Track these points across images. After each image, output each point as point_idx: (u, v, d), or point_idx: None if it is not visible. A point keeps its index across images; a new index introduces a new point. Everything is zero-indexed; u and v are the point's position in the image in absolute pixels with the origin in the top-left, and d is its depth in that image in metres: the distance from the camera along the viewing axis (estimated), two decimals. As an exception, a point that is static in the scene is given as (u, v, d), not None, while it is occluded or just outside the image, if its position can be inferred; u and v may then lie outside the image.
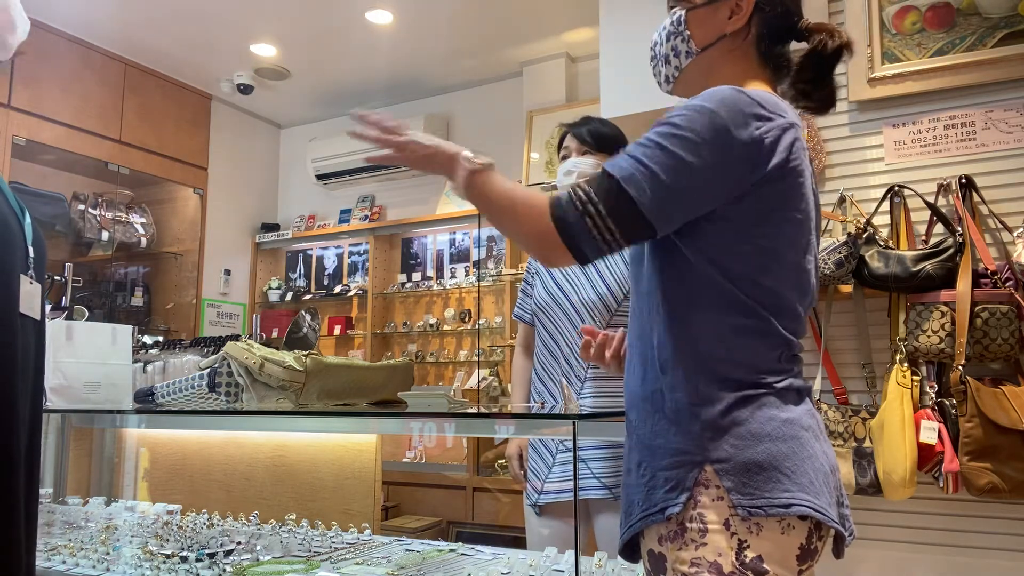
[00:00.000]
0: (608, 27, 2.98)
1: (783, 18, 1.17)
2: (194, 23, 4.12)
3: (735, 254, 1.04)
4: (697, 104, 1.02)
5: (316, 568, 1.66)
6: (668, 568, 1.00)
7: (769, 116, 1.03)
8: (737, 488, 0.96)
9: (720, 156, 0.99)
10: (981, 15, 2.13)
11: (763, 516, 0.95)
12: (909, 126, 2.20)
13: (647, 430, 1.06)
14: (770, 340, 1.05)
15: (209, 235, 4.93)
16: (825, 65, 1.16)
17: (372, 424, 1.99)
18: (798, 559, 0.98)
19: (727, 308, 1.03)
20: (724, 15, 1.15)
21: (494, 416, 1.72)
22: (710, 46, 1.16)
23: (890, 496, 1.95)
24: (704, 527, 0.97)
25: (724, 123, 0.99)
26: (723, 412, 1.00)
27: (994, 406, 1.88)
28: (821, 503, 0.98)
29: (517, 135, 4.49)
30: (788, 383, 1.05)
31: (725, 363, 1.03)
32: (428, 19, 4.05)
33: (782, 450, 0.99)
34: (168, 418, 2.19)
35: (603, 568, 1.58)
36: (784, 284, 1.06)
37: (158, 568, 1.70)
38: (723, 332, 1.03)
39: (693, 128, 0.99)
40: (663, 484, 1.01)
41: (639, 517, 1.03)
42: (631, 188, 0.99)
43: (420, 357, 4.71)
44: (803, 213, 1.06)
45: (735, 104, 1.01)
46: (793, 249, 1.07)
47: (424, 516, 4.13)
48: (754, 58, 1.17)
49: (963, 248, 1.99)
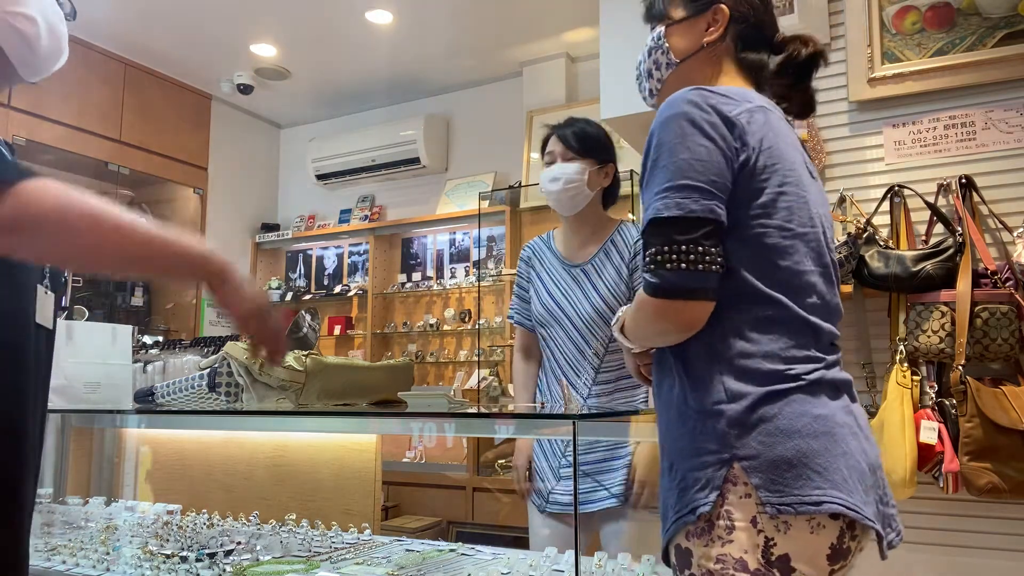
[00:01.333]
0: (608, 27, 2.98)
1: (756, 29, 1.23)
2: (194, 23, 4.12)
3: (743, 242, 1.04)
4: (664, 116, 1.07)
5: (316, 568, 1.66)
6: (694, 563, 1.00)
7: (735, 101, 1.07)
8: (765, 485, 0.96)
9: (707, 140, 1.03)
10: (981, 15, 2.13)
11: (792, 514, 0.94)
12: (909, 126, 2.20)
13: (675, 433, 1.06)
14: (792, 327, 1.04)
15: (209, 235, 4.92)
16: (801, 71, 1.21)
17: (372, 424, 1.99)
18: (828, 559, 0.96)
19: (744, 300, 1.03)
20: (702, 27, 1.22)
21: (494, 416, 1.73)
22: (689, 56, 1.23)
23: (890, 496, 1.95)
24: (731, 524, 0.97)
25: (691, 116, 1.04)
26: (749, 408, 0.99)
27: (994, 406, 1.88)
28: (855, 501, 0.96)
29: (517, 135, 4.49)
30: (819, 375, 1.03)
31: (747, 357, 1.02)
32: (428, 19, 4.05)
33: (813, 447, 0.97)
34: (168, 418, 2.19)
35: (603, 568, 1.58)
36: (800, 266, 1.06)
37: (158, 568, 1.70)
38: (741, 325, 1.03)
39: (674, 134, 1.04)
40: (693, 484, 1.00)
41: (673, 520, 1.03)
42: (676, 211, 1.01)
43: (420, 357, 4.71)
44: (793, 188, 1.07)
45: (696, 97, 1.06)
46: (801, 226, 1.07)
47: (424, 516, 4.13)
48: (731, 65, 1.22)
49: (963, 248, 1.99)
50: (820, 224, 1.11)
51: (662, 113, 1.08)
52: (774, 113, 1.13)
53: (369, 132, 4.98)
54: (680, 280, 1.01)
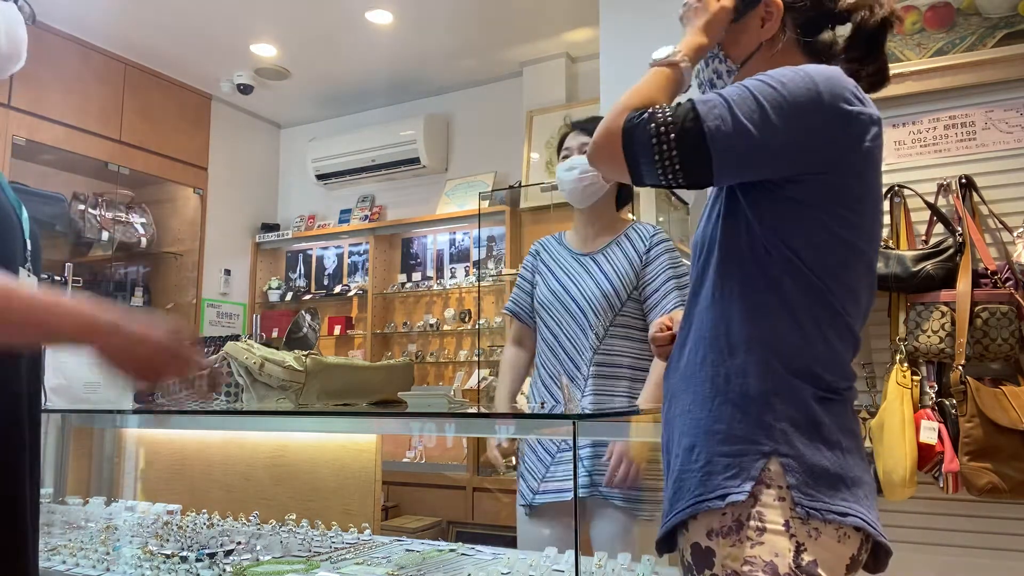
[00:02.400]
0: (608, 27, 2.98)
1: (816, 7, 1.13)
2: (194, 23, 4.12)
3: (815, 243, 1.00)
4: (800, 70, 1.00)
5: (316, 568, 1.66)
6: (717, 563, 0.97)
7: (864, 101, 1.02)
8: (800, 487, 0.94)
9: (806, 122, 0.97)
10: (981, 15, 2.13)
11: (820, 520, 0.94)
12: (909, 126, 2.20)
13: (704, 413, 1.02)
14: (846, 341, 1.03)
15: (209, 235, 4.92)
16: (871, 40, 1.12)
17: (372, 424, 1.99)
18: (848, 568, 0.97)
19: (809, 298, 1.00)
20: (756, 25, 1.13)
21: (494, 416, 1.73)
22: (749, 58, 1.14)
23: (890, 496, 1.95)
24: (763, 526, 0.95)
25: (821, 92, 0.98)
26: (801, 407, 0.98)
27: (994, 406, 1.88)
28: (872, 517, 0.98)
29: (517, 135, 4.49)
30: (851, 393, 1.04)
31: (804, 356, 1.00)
32: (428, 19, 4.05)
33: (848, 462, 0.98)
34: (168, 418, 2.19)
35: (603, 568, 1.58)
36: (861, 283, 1.04)
37: (158, 568, 1.70)
38: (804, 322, 1.00)
39: (789, 88, 0.97)
40: (723, 470, 0.97)
41: (691, 502, 0.99)
42: (708, 121, 0.96)
43: (420, 357, 4.71)
44: (877, 207, 1.05)
45: (837, 80, 1.00)
46: (871, 244, 1.05)
47: (424, 516, 4.13)
48: (799, 55, 1.13)
49: (963, 248, 1.99)
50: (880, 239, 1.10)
51: (812, 69, 1.00)
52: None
53: (369, 132, 4.98)
54: (642, 147, 0.99)
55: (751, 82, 1.00)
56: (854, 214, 1.02)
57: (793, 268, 1.00)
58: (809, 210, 1.00)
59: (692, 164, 0.98)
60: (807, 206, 1.00)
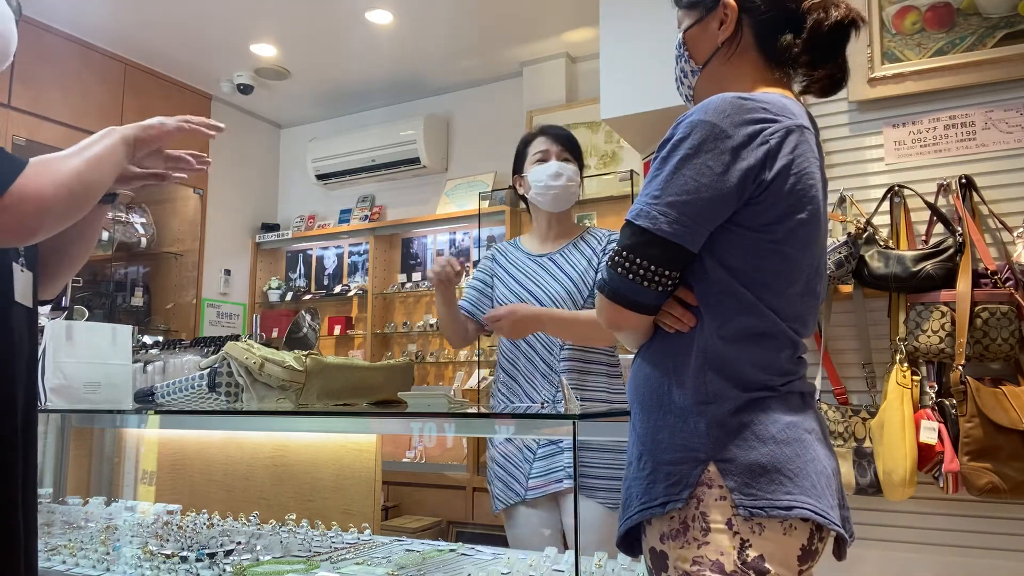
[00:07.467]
0: (608, 27, 2.98)
1: (773, 9, 1.13)
2: (194, 23, 4.12)
3: (747, 258, 1.03)
4: (693, 118, 1.03)
5: (316, 568, 1.66)
6: (670, 566, 1.01)
7: (774, 118, 1.02)
8: (740, 488, 0.97)
9: (723, 161, 1.00)
10: (981, 15, 2.13)
11: (764, 517, 0.96)
12: (909, 126, 2.20)
13: (650, 424, 1.07)
14: (778, 341, 1.05)
15: (209, 235, 4.92)
16: (824, 43, 1.11)
17: (372, 424, 1.99)
18: (799, 559, 0.98)
19: (738, 310, 1.03)
20: (714, 27, 1.16)
21: (494, 416, 1.73)
22: (709, 60, 1.18)
23: (890, 496, 1.95)
24: (707, 526, 0.98)
25: (721, 129, 1.00)
26: (731, 412, 1.01)
27: (994, 406, 1.88)
28: (823, 506, 0.99)
29: (517, 135, 4.45)
30: (792, 386, 1.06)
31: (734, 363, 1.03)
32: (428, 19, 4.06)
33: (786, 453, 0.99)
34: (168, 418, 2.19)
35: (603, 568, 1.58)
36: (795, 287, 1.06)
37: (158, 568, 1.70)
38: (734, 333, 1.03)
39: (692, 143, 1.01)
40: (664, 479, 1.01)
41: (637, 509, 1.04)
42: (655, 225, 1.01)
43: (420, 357, 4.71)
44: (812, 215, 1.05)
45: (731, 109, 1.02)
46: (805, 252, 1.06)
47: (424, 516, 4.13)
48: (758, 60, 1.15)
49: (963, 248, 1.99)
50: (823, 244, 1.12)
51: (694, 112, 1.04)
52: (810, 133, 1.08)
53: (369, 132, 4.98)
54: (624, 288, 1.04)
55: (663, 159, 1.04)
56: (786, 229, 1.04)
57: (726, 284, 1.03)
58: (741, 229, 1.03)
59: (675, 262, 1.03)
60: (742, 228, 1.03)
